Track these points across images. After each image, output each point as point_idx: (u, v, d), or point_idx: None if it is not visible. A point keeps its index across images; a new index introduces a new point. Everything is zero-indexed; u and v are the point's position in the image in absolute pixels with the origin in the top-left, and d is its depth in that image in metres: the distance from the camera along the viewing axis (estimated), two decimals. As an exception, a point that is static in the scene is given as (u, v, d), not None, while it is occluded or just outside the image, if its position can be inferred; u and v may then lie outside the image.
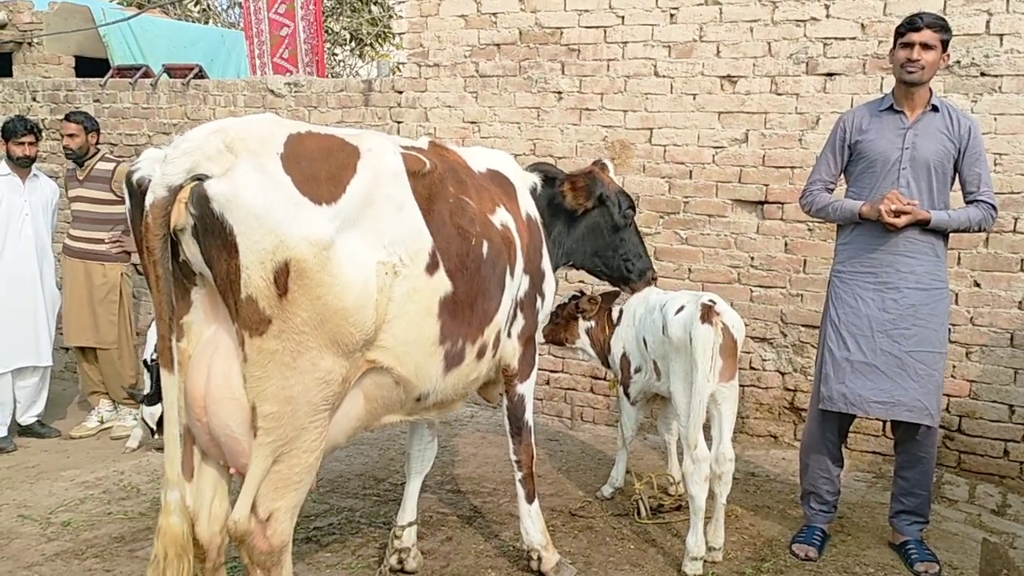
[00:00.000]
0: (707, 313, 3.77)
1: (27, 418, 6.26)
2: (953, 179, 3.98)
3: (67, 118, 6.14)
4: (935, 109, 3.92)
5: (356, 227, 2.62)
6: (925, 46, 3.80)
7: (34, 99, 8.15)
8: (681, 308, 3.96)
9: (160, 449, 5.97)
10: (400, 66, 11.53)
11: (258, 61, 8.60)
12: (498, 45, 6.27)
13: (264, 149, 2.50)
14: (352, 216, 2.60)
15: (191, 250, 2.52)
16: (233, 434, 2.61)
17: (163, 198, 2.43)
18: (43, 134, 6.31)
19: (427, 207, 2.92)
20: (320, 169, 2.57)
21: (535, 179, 3.94)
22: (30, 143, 6.06)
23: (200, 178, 2.43)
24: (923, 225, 3.84)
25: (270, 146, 2.51)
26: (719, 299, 3.95)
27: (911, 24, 3.84)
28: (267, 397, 2.55)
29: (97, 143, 6.19)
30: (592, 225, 4.08)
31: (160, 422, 5.58)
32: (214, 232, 2.44)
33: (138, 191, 2.55)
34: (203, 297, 2.63)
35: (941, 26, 3.82)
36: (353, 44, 15.77)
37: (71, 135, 6.02)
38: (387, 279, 2.72)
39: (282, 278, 2.46)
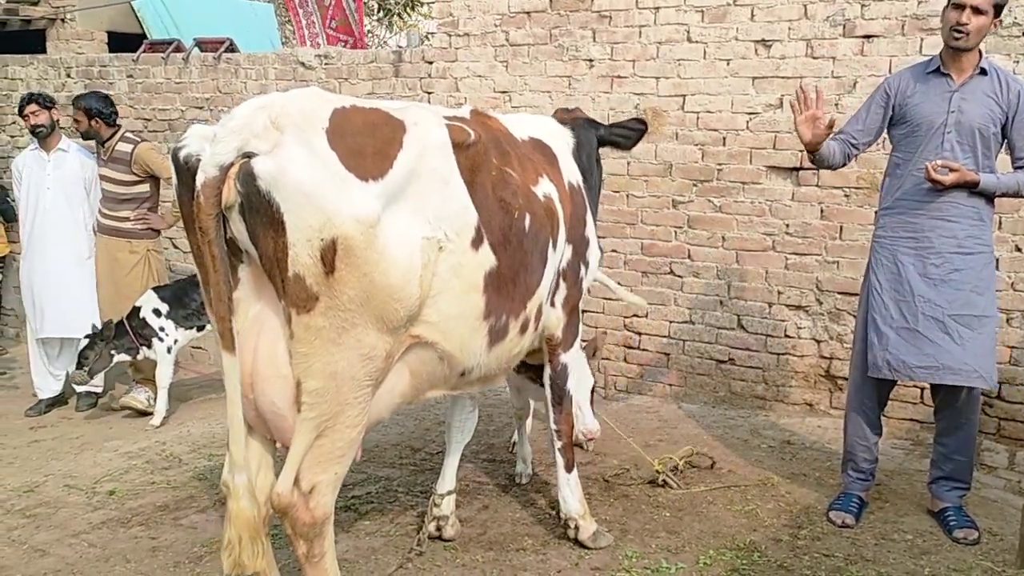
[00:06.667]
0: None
1: (79, 386, 6.42)
2: (1002, 144, 3.90)
3: (72, 103, 6.22)
4: (983, 72, 3.81)
5: (402, 202, 2.61)
6: (976, 10, 3.67)
7: (68, 75, 8.22)
8: None
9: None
10: (430, 36, 11.47)
11: (306, 31, 8.56)
12: (528, 13, 6.21)
13: (309, 124, 2.48)
14: (398, 191, 2.59)
15: (238, 228, 2.52)
16: (279, 411, 2.64)
17: (214, 177, 2.43)
18: (54, 102, 6.37)
19: (471, 179, 2.90)
20: (366, 144, 2.55)
21: (569, 134, 3.92)
22: (33, 112, 6.15)
23: (249, 155, 2.43)
24: (971, 187, 3.77)
25: (315, 121, 2.50)
26: None
27: None
28: (312, 373, 2.56)
29: (108, 126, 6.10)
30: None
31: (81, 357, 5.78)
32: (261, 210, 2.44)
33: (185, 168, 2.54)
34: (249, 274, 2.63)
35: None
36: (381, 14, 15.73)
37: (75, 120, 6.09)
38: (432, 255, 2.71)
39: (329, 256, 2.46)
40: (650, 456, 4.53)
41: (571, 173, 3.72)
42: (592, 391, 4.29)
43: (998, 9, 3.73)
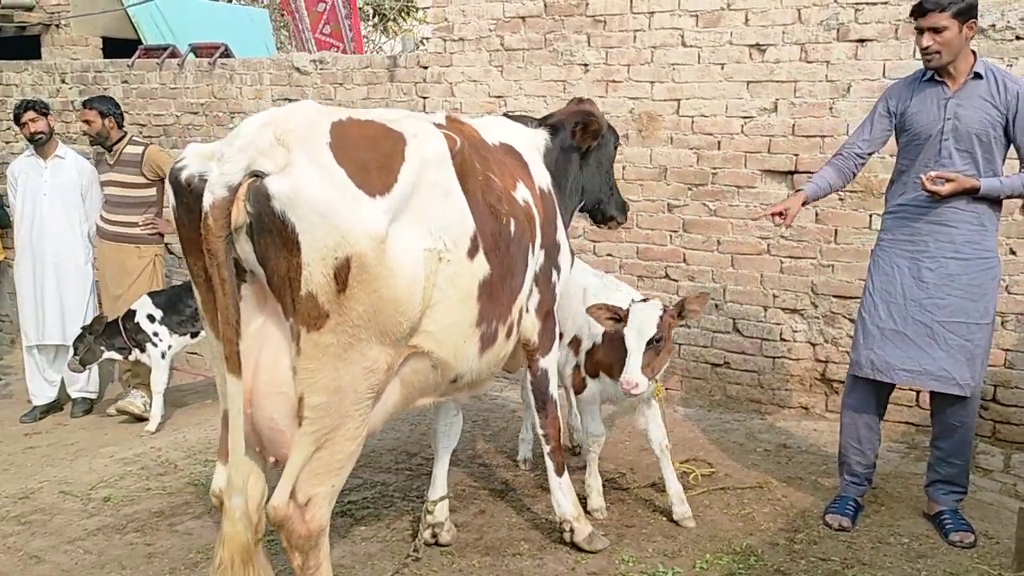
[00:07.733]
0: None
1: (74, 392, 6.41)
2: (1007, 146, 3.86)
3: (84, 104, 6.22)
4: (979, 76, 3.77)
5: (405, 215, 2.61)
6: (934, 30, 3.67)
7: (63, 81, 8.21)
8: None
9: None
10: (425, 41, 11.49)
11: (306, 34, 8.66)
12: (523, 18, 6.22)
13: (314, 139, 2.47)
14: (402, 204, 2.59)
15: (244, 249, 2.49)
16: (278, 427, 2.63)
17: (223, 198, 2.40)
18: (49, 109, 6.39)
19: (462, 187, 2.90)
20: (370, 159, 2.54)
21: (544, 136, 3.90)
22: (31, 119, 6.15)
23: (257, 175, 2.40)
24: (972, 194, 3.75)
25: (319, 136, 2.48)
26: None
27: (916, 10, 3.73)
28: (317, 388, 2.55)
29: (119, 127, 6.19)
30: (596, 160, 4.14)
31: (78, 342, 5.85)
32: (274, 230, 2.41)
33: (186, 189, 2.51)
34: (251, 292, 2.61)
35: (947, 4, 3.62)
36: (376, 19, 15.75)
37: (87, 121, 6.10)
38: (433, 266, 2.71)
39: (343, 274, 2.44)
40: (647, 461, 4.53)
41: (541, 177, 3.70)
42: (658, 343, 3.66)
43: (965, 16, 3.66)
